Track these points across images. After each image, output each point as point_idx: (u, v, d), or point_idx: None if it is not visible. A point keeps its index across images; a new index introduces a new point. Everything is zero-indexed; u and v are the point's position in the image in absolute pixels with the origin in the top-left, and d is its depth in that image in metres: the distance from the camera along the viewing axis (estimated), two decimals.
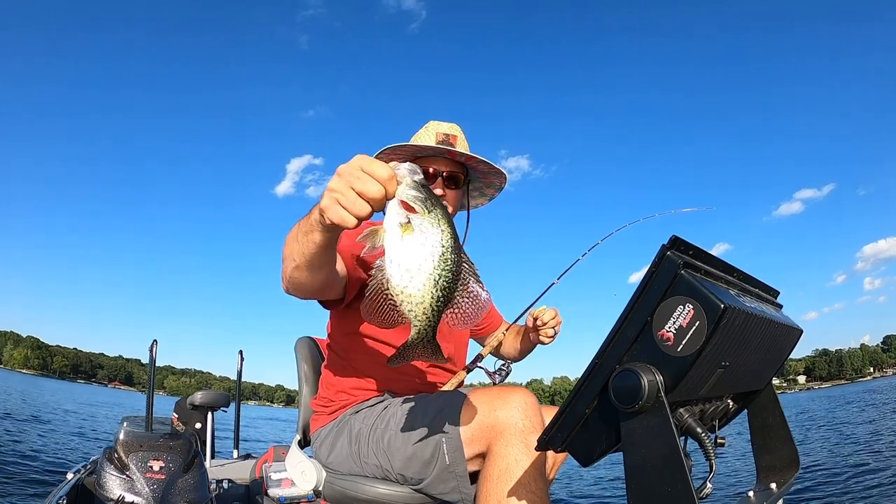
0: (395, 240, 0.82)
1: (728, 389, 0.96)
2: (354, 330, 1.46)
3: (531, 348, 1.69)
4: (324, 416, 1.47)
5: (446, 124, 1.54)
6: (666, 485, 0.69)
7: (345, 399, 1.44)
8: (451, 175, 1.50)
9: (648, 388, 0.71)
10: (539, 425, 1.11)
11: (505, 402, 1.14)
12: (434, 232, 0.82)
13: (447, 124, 1.54)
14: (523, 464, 1.06)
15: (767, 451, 1.08)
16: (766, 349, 0.94)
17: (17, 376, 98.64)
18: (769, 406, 1.08)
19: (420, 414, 1.26)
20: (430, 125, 1.55)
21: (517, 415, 1.11)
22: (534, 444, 1.04)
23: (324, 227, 0.93)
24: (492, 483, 1.07)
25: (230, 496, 3.10)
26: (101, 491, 1.95)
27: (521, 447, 1.08)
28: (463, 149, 1.50)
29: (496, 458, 1.09)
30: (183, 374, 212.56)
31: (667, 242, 0.77)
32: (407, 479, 1.26)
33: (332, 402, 1.46)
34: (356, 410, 1.41)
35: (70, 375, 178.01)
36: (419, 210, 0.82)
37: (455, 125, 1.56)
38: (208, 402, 4.42)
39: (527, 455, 1.07)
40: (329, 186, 0.85)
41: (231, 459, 4.32)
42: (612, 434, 0.78)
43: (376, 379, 1.44)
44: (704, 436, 0.81)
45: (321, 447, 1.44)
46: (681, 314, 0.72)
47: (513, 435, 1.09)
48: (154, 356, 2.85)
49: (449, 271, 0.83)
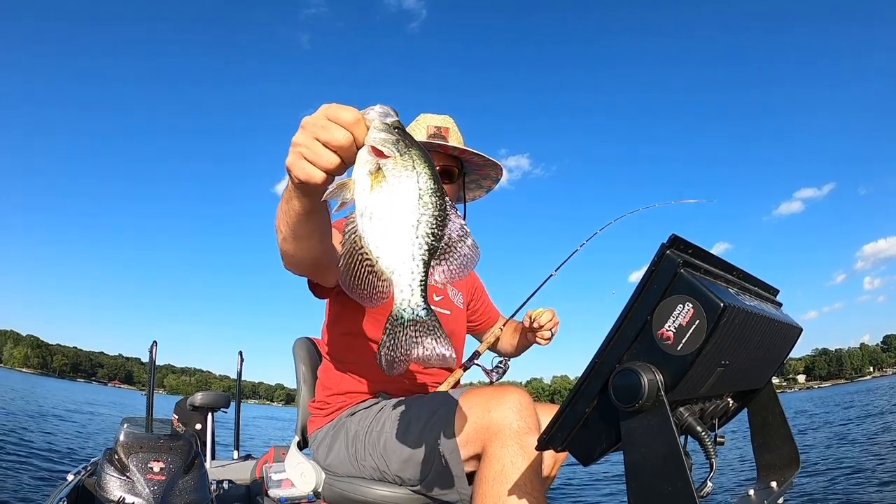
0: (364, 190, 0.71)
1: (728, 388, 0.96)
2: (349, 331, 1.45)
3: (528, 346, 1.68)
4: (320, 418, 1.47)
5: (438, 117, 1.51)
6: (666, 484, 0.69)
7: (340, 401, 1.44)
8: (444, 169, 1.47)
9: (648, 387, 0.71)
10: (534, 426, 1.10)
11: (499, 403, 1.12)
12: (408, 175, 0.71)
13: (439, 117, 1.51)
14: (519, 465, 1.04)
15: (767, 450, 1.08)
16: (765, 348, 0.94)
17: (17, 375, 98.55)
18: (769, 404, 1.08)
19: (415, 416, 1.25)
20: (421, 118, 1.52)
21: (511, 415, 1.09)
22: (529, 445, 1.05)
23: (297, 190, 0.82)
24: (488, 485, 1.05)
25: (230, 497, 3.10)
26: (102, 492, 1.95)
27: (516, 448, 1.06)
28: (456, 141, 1.47)
29: (491, 459, 1.07)
30: (183, 373, 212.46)
31: (666, 241, 0.77)
32: (405, 481, 1.26)
33: (328, 405, 1.46)
34: (352, 412, 1.40)
35: (70, 374, 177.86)
36: (390, 154, 0.71)
37: (447, 117, 1.52)
38: (208, 402, 4.42)
39: (522, 456, 1.05)
40: (293, 141, 0.75)
41: (231, 460, 4.32)
42: (613, 433, 0.78)
43: (371, 380, 1.43)
44: (704, 434, 0.81)
45: (319, 449, 1.44)
46: (680, 313, 0.72)
47: (508, 436, 1.07)
48: (154, 357, 2.85)
49: (431, 216, 0.71)
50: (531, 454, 1.05)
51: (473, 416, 1.14)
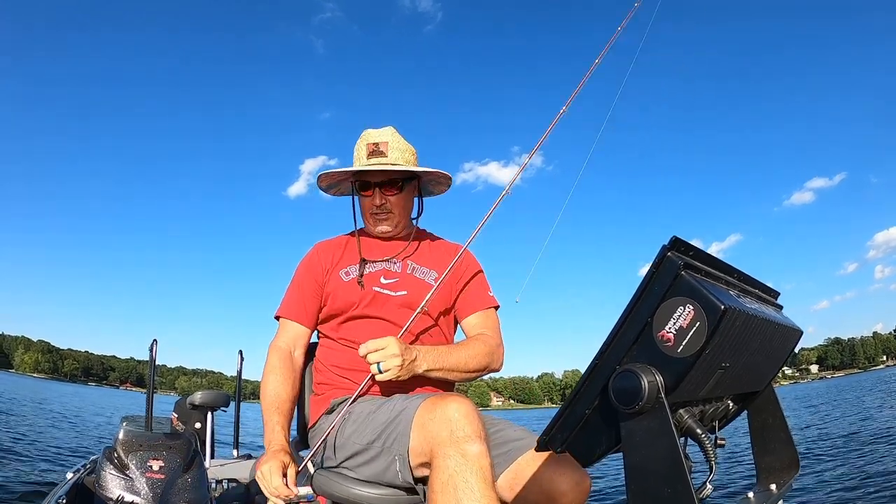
0: None
1: (728, 390, 0.96)
2: (325, 332, 1.57)
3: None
4: (312, 416, 1.54)
5: (376, 131, 1.59)
6: (666, 486, 0.69)
7: (324, 401, 1.51)
8: (387, 182, 1.55)
9: (648, 389, 0.71)
10: (475, 433, 1.10)
11: (439, 414, 1.13)
12: None
13: (377, 131, 1.59)
14: (464, 474, 1.05)
15: (767, 452, 1.09)
16: (766, 350, 0.94)
17: (28, 380, 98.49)
18: (769, 407, 1.08)
19: (373, 421, 1.29)
20: (363, 135, 1.59)
21: (450, 426, 1.10)
22: (471, 452, 1.06)
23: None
24: (436, 495, 1.07)
25: (230, 496, 3.10)
26: (101, 490, 1.95)
27: (458, 457, 1.07)
28: (396, 152, 1.55)
29: (437, 469, 1.09)
30: (194, 375, 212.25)
31: (667, 243, 0.77)
32: (374, 482, 1.29)
33: (316, 405, 1.53)
34: (330, 410, 1.47)
35: (81, 378, 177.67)
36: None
37: (387, 129, 1.59)
38: (208, 401, 4.41)
39: (465, 464, 1.06)
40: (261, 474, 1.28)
41: (231, 459, 4.32)
42: (613, 435, 0.78)
43: (348, 380, 1.49)
44: (704, 437, 0.81)
45: (312, 447, 1.49)
46: (681, 315, 0.72)
47: (449, 445, 1.08)
48: (154, 356, 2.86)
49: None
50: (474, 461, 1.06)
51: (419, 425, 1.16)
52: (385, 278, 1.55)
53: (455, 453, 1.07)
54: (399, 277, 1.56)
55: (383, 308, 1.51)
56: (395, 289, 1.54)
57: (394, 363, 1.28)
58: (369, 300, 1.50)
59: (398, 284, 1.55)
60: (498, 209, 1.55)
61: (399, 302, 1.52)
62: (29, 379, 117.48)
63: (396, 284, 1.55)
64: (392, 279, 1.55)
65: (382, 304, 1.51)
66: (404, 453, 1.19)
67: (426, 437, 1.14)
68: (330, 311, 1.53)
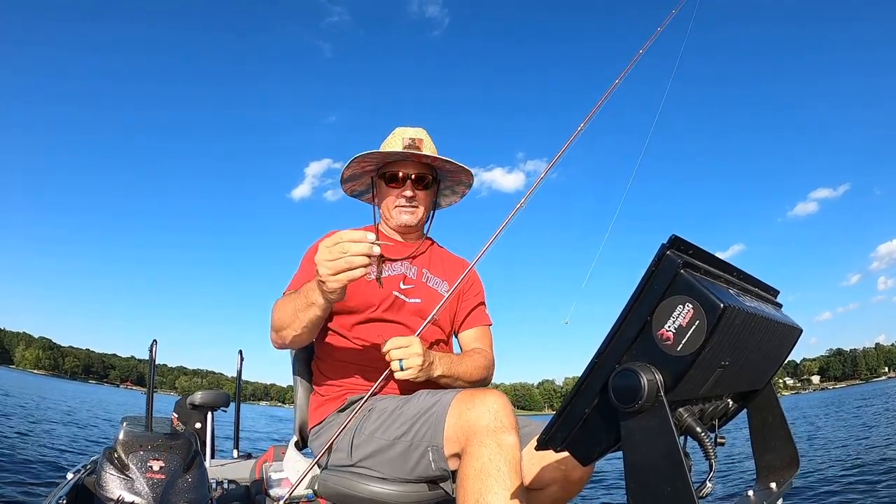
0: None
1: (728, 389, 0.95)
2: (336, 329, 1.55)
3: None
4: (315, 416, 1.53)
5: (412, 129, 1.63)
6: (666, 484, 0.69)
7: (332, 400, 1.50)
8: (419, 176, 1.59)
9: (648, 388, 0.71)
10: (511, 425, 1.15)
11: (479, 403, 1.18)
12: None
13: (413, 129, 1.63)
14: (497, 462, 1.09)
15: (767, 451, 1.08)
16: (765, 348, 0.94)
17: (29, 377, 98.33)
18: (769, 405, 1.08)
19: (401, 416, 1.30)
20: (396, 131, 1.63)
21: (488, 416, 1.15)
22: (506, 443, 1.11)
23: (326, 301, 1.22)
24: (468, 482, 1.10)
25: (230, 496, 3.10)
26: (101, 491, 1.95)
27: (493, 446, 1.11)
28: (430, 151, 1.59)
29: (471, 457, 1.12)
30: (195, 375, 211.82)
31: (667, 242, 0.76)
32: (395, 478, 1.30)
33: (322, 404, 1.52)
34: (342, 409, 1.46)
35: (82, 376, 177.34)
36: None
37: (421, 129, 1.64)
38: (208, 401, 4.42)
39: (499, 453, 1.10)
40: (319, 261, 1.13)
41: (231, 459, 4.32)
42: (612, 433, 0.77)
43: (359, 379, 1.49)
44: (704, 435, 0.81)
45: (314, 447, 1.50)
46: (680, 313, 0.72)
47: (485, 435, 1.12)
48: (154, 356, 2.85)
49: None
50: (508, 451, 1.10)
51: (454, 416, 1.20)
52: (404, 283, 1.58)
53: (492, 442, 1.11)
54: (415, 284, 1.60)
55: (399, 313, 1.54)
56: (410, 295, 1.57)
57: (415, 362, 1.31)
58: (389, 304, 1.53)
59: (414, 291, 1.58)
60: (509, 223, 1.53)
61: (412, 309, 1.55)
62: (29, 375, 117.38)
63: (412, 291, 1.58)
64: (409, 285, 1.59)
65: (399, 309, 1.54)
66: (439, 442, 1.21)
67: (463, 426, 1.17)
68: (346, 307, 1.52)
